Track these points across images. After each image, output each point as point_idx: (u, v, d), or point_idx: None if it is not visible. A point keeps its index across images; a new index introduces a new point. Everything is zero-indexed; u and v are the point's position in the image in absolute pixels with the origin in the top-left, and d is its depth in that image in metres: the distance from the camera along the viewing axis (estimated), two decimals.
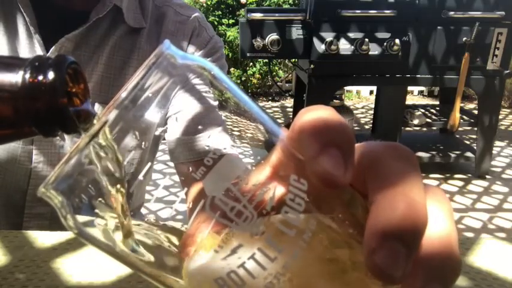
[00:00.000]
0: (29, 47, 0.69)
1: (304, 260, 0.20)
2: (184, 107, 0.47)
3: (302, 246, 0.20)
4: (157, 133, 0.23)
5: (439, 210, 0.21)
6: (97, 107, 0.71)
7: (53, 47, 0.68)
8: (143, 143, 0.23)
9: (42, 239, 0.61)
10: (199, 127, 0.23)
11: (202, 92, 0.23)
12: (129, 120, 0.21)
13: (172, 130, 0.58)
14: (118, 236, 0.22)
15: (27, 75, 0.23)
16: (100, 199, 0.22)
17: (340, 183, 0.20)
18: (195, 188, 0.22)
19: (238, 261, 0.20)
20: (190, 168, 0.23)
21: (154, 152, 0.80)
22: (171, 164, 0.67)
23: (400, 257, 0.18)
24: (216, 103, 0.24)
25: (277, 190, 0.22)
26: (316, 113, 0.22)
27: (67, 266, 0.55)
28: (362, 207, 0.21)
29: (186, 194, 0.24)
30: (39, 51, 0.69)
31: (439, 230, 0.20)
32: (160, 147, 0.85)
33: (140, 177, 0.24)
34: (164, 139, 0.63)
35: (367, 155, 0.21)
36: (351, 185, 0.22)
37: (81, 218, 0.21)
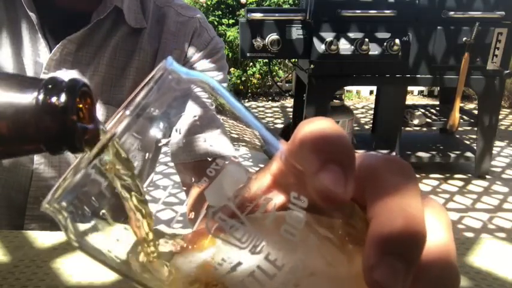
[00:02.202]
0: (32, 49, 0.69)
1: (304, 276, 0.20)
2: (185, 112, 0.48)
3: (302, 263, 0.20)
4: (160, 144, 0.23)
5: (437, 222, 0.21)
6: (99, 107, 0.71)
7: (55, 48, 0.68)
8: (146, 154, 0.23)
9: (42, 239, 0.61)
10: (200, 129, 0.23)
11: (203, 98, 0.24)
12: (133, 134, 0.22)
13: (175, 135, 0.59)
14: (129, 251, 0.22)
15: (41, 97, 0.24)
16: (103, 211, 0.22)
17: (340, 200, 0.20)
18: (197, 198, 0.23)
19: (237, 279, 0.20)
20: (193, 178, 0.23)
21: (155, 161, 0.80)
22: (171, 164, 0.67)
23: (399, 273, 0.18)
24: (213, 107, 0.24)
25: (278, 204, 0.22)
26: (317, 126, 0.22)
27: (67, 266, 0.55)
28: (361, 220, 0.21)
29: (187, 204, 0.25)
30: (43, 53, 0.69)
31: (437, 242, 0.20)
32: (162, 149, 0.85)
33: (144, 187, 0.24)
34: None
35: (365, 169, 0.21)
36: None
37: (83, 227, 0.22)
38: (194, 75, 0.23)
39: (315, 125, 0.22)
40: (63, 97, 0.24)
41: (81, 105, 0.25)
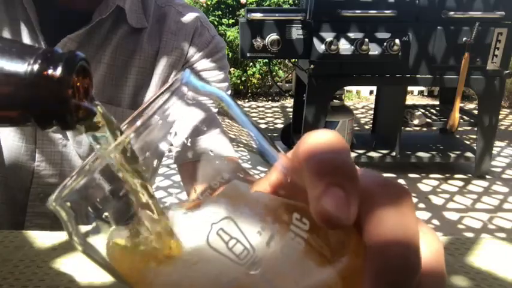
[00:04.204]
0: None
1: None
2: (190, 116, 0.48)
3: (296, 285, 0.20)
4: (168, 153, 0.23)
5: (428, 252, 0.21)
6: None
7: (56, 47, 0.68)
8: (155, 162, 0.24)
9: (42, 239, 0.61)
10: (202, 129, 0.23)
11: (205, 102, 0.24)
12: (142, 144, 0.22)
13: (180, 139, 0.59)
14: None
15: (37, 65, 0.23)
16: (106, 214, 0.22)
17: (343, 225, 0.20)
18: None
19: None
20: (193, 178, 0.23)
21: (159, 166, 0.80)
22: (173, 166, 0.67)
23: None
24: (216, 110, 0.25)
25: (279, 227, 0.22)
26: (321, 142, 0.22)
27: (67, 266, 0.55)
28: (357, 242, 0.21)
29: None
30: None
31: (428, 272, 0.20)
32: None
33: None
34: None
35: (362, 192, 0.21)
36: None
37: (86, 228, 0.22)
38: (209, 89, 0.24)
39: (319, 140, 0.22)
40: (60, 68, 0.23)
41: (77, 80, 0.24)
